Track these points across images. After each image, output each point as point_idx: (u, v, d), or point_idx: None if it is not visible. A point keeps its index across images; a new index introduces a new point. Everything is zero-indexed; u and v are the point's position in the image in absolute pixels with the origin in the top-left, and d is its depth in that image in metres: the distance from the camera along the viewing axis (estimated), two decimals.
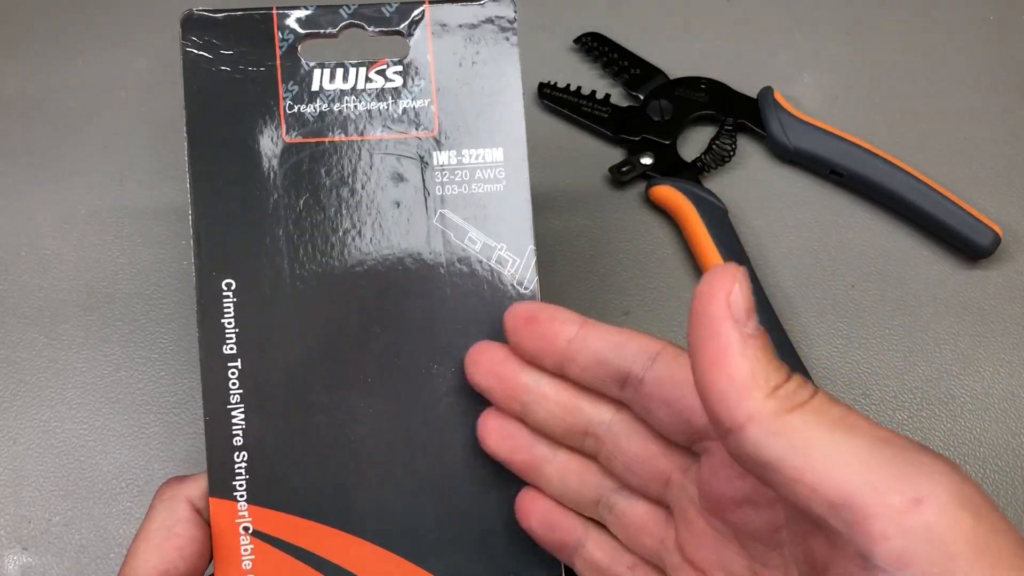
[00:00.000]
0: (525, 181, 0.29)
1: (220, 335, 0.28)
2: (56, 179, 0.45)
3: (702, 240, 0.41)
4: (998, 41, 0.50)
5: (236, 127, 0.28)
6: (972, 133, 0.47)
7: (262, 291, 0.28)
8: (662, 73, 0.48)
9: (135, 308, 0.41)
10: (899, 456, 0.19)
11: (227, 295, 0.28)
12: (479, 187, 0.29)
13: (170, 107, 0.47)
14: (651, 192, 0.44)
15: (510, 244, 0.29)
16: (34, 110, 0.47)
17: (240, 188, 0.28)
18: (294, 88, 0.28)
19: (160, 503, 0.27)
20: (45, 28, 0.50)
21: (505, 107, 0.29)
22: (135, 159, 0.46)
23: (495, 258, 0.29)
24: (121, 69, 0.49)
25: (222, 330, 0.28)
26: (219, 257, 0.28)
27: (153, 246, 0.43)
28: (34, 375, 0.40)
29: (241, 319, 0.28)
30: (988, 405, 0.39)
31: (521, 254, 0.29)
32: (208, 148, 0.28)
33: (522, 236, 0.29)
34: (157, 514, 0.27)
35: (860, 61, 0.49)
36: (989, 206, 0.44)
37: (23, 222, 0.44)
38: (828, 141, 0.44)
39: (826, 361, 0.40)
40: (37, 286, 0.42)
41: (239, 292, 0.28)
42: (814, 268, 0.43)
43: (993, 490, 0.37)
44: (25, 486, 0.37)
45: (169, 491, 0.28)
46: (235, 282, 0.28)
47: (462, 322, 0.28)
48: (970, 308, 0.41)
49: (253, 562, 0.28)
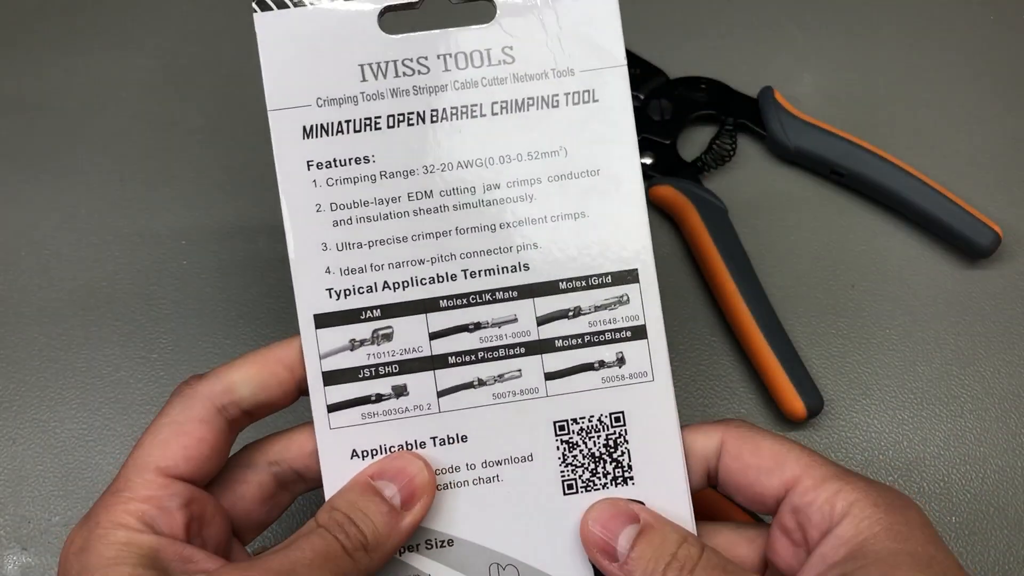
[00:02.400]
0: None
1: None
2: (56, 179, 0.45)
3: (702, 240, 0.41)
4: (998, 41, 0.50)
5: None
6: (972, 133, 0.47)
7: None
8: (662, 73, 0.48)
9: (135, 308, 0.41)
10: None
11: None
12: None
13: (170, 107, 0.47)
14: (651, 192, 0.44)
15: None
16: (34, 110, 0.47)
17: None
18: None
19: (177, 399, 0.26)
20: (45, 28, 0.50)
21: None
22: (135, 159, 0.46)
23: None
24: (121, 69, 0.49)
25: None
26: None
27: (153, 246, 0.43)
28: (34, 375, 0.40)
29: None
30: (988, 405, 0.39)
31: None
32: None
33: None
34: (171, 409, 0.26)
35: (860, 61, 0.49)
36: (989, 206, 0.44)
37: (23, 222, 0.44)
38: (828, 141, 0.44)
39: (826, 361, 0.40)
40: (37, 286, 0.42)
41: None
42: (814, 268, 0.43)
43: (993, 490, 0.37)
44: (25, 486, 0.37)
45: (188, 388, 0.27)
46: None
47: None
48: (970, 308, 0.41)
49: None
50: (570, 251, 0.28)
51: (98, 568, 0.23)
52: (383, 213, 0.28)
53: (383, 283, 0.27)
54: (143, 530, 0.24)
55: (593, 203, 0.28)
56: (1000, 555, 0.36)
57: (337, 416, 0.27)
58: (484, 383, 0.28)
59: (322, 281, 0.27)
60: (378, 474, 0.27)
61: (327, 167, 0.27)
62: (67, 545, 0.25)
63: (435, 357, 0.28)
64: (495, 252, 0.28)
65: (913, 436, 0.38)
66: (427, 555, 0.27)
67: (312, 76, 0.27)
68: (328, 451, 0.27)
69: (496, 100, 0.28)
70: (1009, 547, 0.36)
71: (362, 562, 0.25)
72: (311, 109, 0.27)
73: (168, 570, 0.24)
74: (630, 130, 0.28)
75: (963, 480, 0.37)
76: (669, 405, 0.28)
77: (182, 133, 0.46)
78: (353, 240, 0.27)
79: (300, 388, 0.27)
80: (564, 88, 0.28)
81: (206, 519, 0.26)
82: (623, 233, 0.28)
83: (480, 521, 0.27)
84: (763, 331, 0.38)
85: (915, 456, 0.38)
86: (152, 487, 0.25)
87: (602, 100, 0.28)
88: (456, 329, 0.28)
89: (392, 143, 0.27)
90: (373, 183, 0.27)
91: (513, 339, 0.28)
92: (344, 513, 0.25)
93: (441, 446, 0.28)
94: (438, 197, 0.28)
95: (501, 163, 0.28)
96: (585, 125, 0.28)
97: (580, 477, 0.28)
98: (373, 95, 0.27)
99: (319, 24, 0.27)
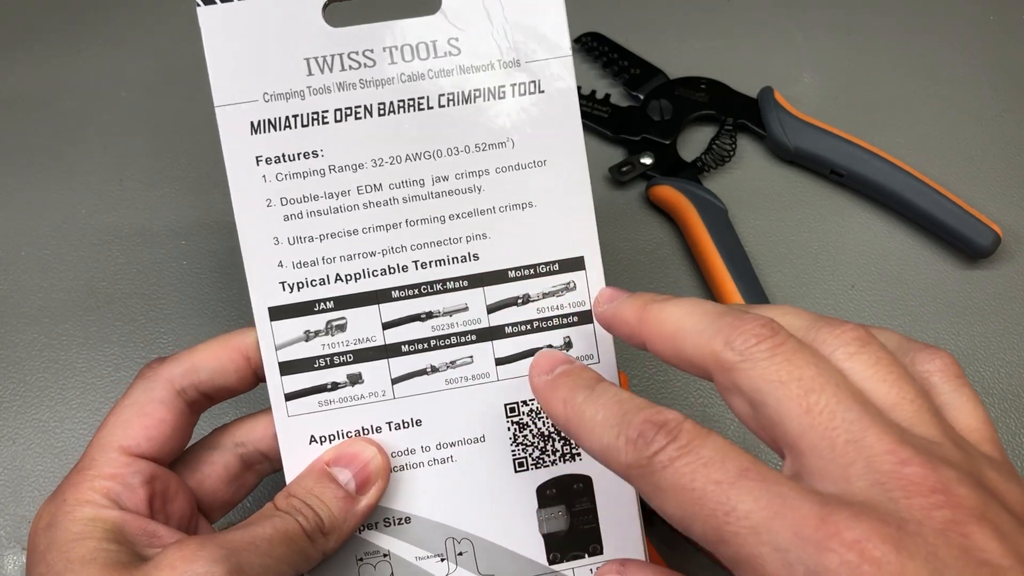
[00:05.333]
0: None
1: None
2: (56, 179, 0.45)
3: (702, 240, 0.41)
4: (998, 41, 0.50)
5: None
6: (972, 133, 0.47)
7: None
8: (662, 73, 0.48)
9: (135, 308, 0.41)
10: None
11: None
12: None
13: (170, 107, 0.47)
14: (651, 192, 0.44)
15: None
16: (34, 110, 0.47)
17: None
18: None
19: (139, 381, 0.27)
20: (45, 28, 0.50)
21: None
22: (135, 159, 0.46)
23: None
24: (121, 69, 0.49)
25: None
26: None
27: (153, 246, 0.43)
28: (34, 375, 0.40)
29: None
30: (988, 405, 0.39)
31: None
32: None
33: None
34: (133, 391, 0.27)
35: (860, 61, 0.49)
36: (989, 206, 0.44)
37: (23, 222, 0.44)
38: (828, 141, 0.44)
39: None
40: (37, 286, 0.42)
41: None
42: (814, 268, 0.43)
43: None
44: (25, 486, 0.37)
45: (149, 371, 0.27)
46: None
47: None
48: (970, 308, 0.41)
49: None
50: (518, 240, 0.28)
51: (65, 542, 0.24)
52: (333, 207, 0.28)
53: (335, 275, 0.28)
54: (108, 506, 0.25)
55: (540, 193, 0.28)
56: None
57: (295, 404, 0.28)
58: (437, 369, 0.28)
59: (275, 275, 0.28)
60: (333, 460, 0.27)
61: (276, 162, 0.28)
62: (35, 521, 0.25)
63: (388, 346, 0.28)
64: (445, 243, 0.28)
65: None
66: (386, 532, 0.29)
67: (258, 71, 0.27)
68: (287, 437, 0.28)
69: (443, 92, 0.28)
70: None
71: (320, 544, 0.26)
72: (258, 104, 0.27)
73: (132, 543, 0.25)
74: (576, 120, 0.28)
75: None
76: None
77: (182, 133, 0.46)
78: (304, 234, 0.28)
79: (257, 375, 0.28)
80: (510, 79, 0.28)
81: (169, 495, 0.27)
82: (570, 222, 0.28)
83: (436, 499, 0.29)
84: None
85: None
86: (115, 465, 0.26)
87: (548, 91, 0.28)
88: (408, 319, 0.28)
89: (340, 137, 0.28)
90: (322, 177, 0.28)
91: (464, 327, 0.28)
92: (300, 499, 0.26)
93: (397, 430, 0.28)
94: (387, 190, 0.28)
95: (449, 155, 0.28)
96: (531, 116, 0.28)
97: (530, 455, 0.29)
98: (320, 89, 0.28)
99: (263, 17, 0.27)
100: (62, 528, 0.24)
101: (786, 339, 0.21)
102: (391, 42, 0.28)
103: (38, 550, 0.25)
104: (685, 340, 0.23)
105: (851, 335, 0.22)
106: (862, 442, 0.19)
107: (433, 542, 0.28)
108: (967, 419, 0.22)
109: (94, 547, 0.24)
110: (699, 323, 0.22)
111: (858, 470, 0.19)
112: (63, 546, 0.24)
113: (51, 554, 0.24)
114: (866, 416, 0.20)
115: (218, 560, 0.23)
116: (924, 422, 0.20)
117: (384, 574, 0.28)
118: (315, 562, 0.26)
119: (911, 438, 0.20)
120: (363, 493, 0.27)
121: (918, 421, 0.20)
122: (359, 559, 0.28)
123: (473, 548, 0.29)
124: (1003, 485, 0.20)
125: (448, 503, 0.29)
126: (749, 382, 0.21)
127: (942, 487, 0.18)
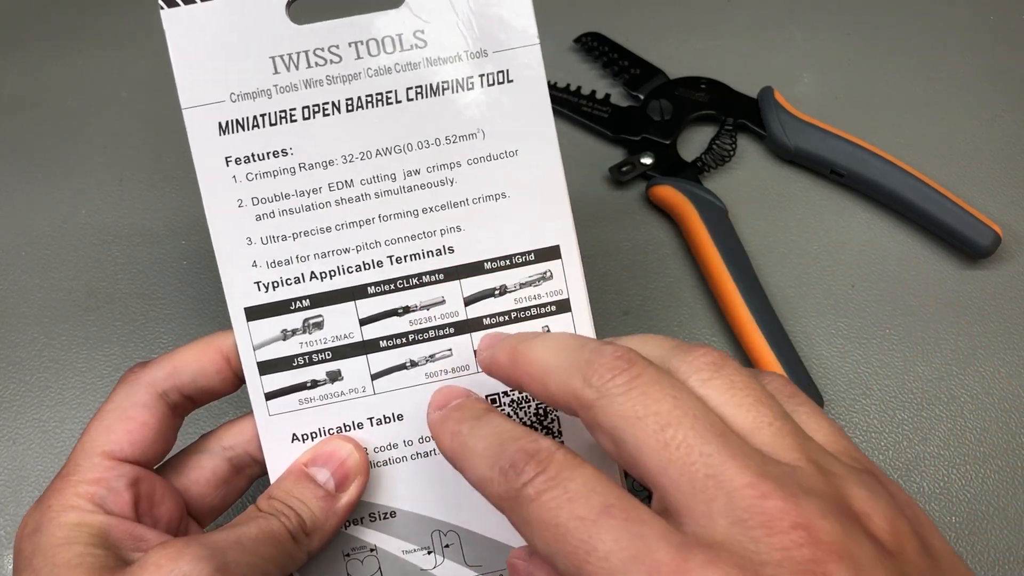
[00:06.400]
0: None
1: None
2: (56, 179, 0.45)
3: (702, 240, 0.41)
4: (998, 41, 0.50)
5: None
6: (972, 133, 0.47)
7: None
8: (662, 73, 0.48)
9: (135, 308, 0.41)
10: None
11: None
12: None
13: (170, 107, 0.47)
14: (651, 192, 0.44)
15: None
16: (34, 110, 0.47)
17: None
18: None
19: (121, 386, 0.27)
20: (45, 28, 0.50)
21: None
22: (135, 159, 0.46)
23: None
24: (121, 69, 0.49)
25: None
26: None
27: (153, 246, 0.43)
28: (34, 375, 0.40)
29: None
30: (988, 405, 0.39)
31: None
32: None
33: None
34: (115, 396, 0.27)
35: (860, 61, 0.49)
36: (989, 206, 0.44)
37: (23, 222, 0.44)
38: (828, 141, 0.44)
39: (826, 361, 0.40)
40: (37, 286, 0.42)
41: None
42: (814, 268, 0.43)
43: (993, 490, 0.37)
44: (25, 486, 0.37)
45: (132, 375, 0.28)
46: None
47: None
48: (970, 308, 0.41)
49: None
50: (493, 232, 0.28)
51: (50, 548, 0.24)
52: (305, 205, 0.28)
53: (310, 273, 0.28)
54: (93, 511, 0.25)
55: (513, 183, 0.28)
56: (1000, 555, 0.36)
57: (275, 403, 0.28)
58: (416, 364, 0.28)
59: (249, 275, 0.28)
60: (311, 461, 0.28)
61: (245, 162, 0.28)
62: (20, 528, 0.25)
63: (367, 342, 0.28)
64: (419, 237, 0.28)
65: (913, 436, 0.38)
66: (371, 527, 0.29)
67: (224, 71, 0.27)
68: (269, 437, 0.28)
69: (411, 85, 0.28)
70: (1009, 547, 0.36)
71: (304, 545, 0.26)
72: (225, 105, 0.27)
73: (118, 547, 0.25)
74: (546, 108, 0.28)
75: (963, 480, 0.37)
76: None
77: (182, 133, 0.46)
78: (277, 233, 0.28)
79: (239, 376, 0.28)
80: (478, 70, 0.28)
81: (156, 499, 0.27)
82: (544, 211, 0.28)
83: (420, 493, 0.29)
84: (763, 331, 0.38)
85: (915, 456, 0.38)
86: (99, 469, 0.26)
87: (517, 80, 0.28)
88: (386, 314, 0.28)
89: (309, 135, 0.28)
90: (293, 175, 0.28)
91: (442, 320, 0.28)
92: (281, 501, 0.26)
93: (378, 426, 0.28)
94: (359, 186, 0.28)
95: (420, 148, 0.28)
96: (501, 106, 0.28)
97: None
98: (286, 87, 0.27)
99: (228, 18, 0.27)
100: (47, 534, 0.24)
101: (643, 370, 0.21)
102: (356, 37, 0.27)
103: (23, 556, 0.25)
104: (549, 379, 0.22)
105: (703, 360, 0.22)
106: (721, 476, 0.19)
107: (419, 535, 0.29)
108: (824, 436, 0.22)
109: (80, 552, 0.24)
110: (562, 360, 0.22)
111: (719, 507, 0.19)
112: (48, 551, 0.24)
113: (36, 559, 0.24)
114: (724, 449, 0.19)
115: (203, 558, 0.23)
116: (785, 446, 0.20)
117: (372, 569, 0.28)
118: (301, 563, 0.26)
119: (772, 468, 0.19)
120: (343, 491, 0.27)
121: (779, 446, 0.20)
122: (346, 555, 0.28)
123: (459, 540, 0.29)
124: (868, 503, 0.19)
125: (433, 496, 0.29)
126: (607, 419, 0.21)
127: (804, 522, 0.18)
